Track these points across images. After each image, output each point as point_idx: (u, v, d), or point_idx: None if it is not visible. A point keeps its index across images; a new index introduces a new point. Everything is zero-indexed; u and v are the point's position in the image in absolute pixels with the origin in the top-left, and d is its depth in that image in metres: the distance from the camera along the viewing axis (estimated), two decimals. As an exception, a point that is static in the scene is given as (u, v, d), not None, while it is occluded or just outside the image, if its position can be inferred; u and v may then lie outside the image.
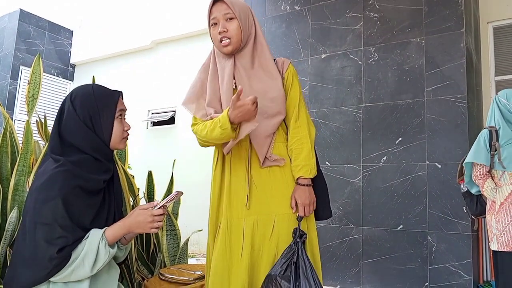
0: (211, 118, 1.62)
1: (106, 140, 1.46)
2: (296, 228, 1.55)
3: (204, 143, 1.67)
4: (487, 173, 2.63)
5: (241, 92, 1.45)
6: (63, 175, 1.33)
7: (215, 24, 1.68)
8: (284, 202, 1.62)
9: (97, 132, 1.44)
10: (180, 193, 1.51)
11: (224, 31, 1.64)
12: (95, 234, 1.35)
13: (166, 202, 1.46)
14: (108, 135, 1.46)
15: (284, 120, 1.69)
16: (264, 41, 1.72)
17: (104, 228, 1.39)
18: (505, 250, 2.48)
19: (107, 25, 8.37)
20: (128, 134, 1.55)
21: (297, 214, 1.59)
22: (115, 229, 1.39)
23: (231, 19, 1.64)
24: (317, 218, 1.71)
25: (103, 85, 1.54)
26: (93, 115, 1.43)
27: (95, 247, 1.32)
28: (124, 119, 1.55)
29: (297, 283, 1.45)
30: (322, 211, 1.69)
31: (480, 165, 2.64)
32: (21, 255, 1.31)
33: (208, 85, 1.72)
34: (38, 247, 1.27)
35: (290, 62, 1.75)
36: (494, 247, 2.56)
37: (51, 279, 1.31)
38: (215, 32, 1.67)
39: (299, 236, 1.52)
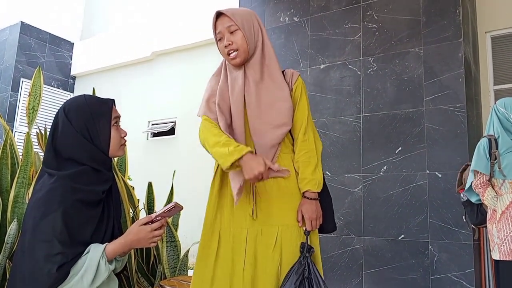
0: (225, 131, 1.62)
1: (104, 149, 1.46)
2: (303, 242, 1.54)
3: (202, 144, 1.66)
4: (487, 182, 2.63)
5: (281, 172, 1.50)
6: (62, 189, 1.33)
7: (221, 38, 1.70)
8: (289, 213, 1.61)
9: (95, 142, 1.44)
10: (179, 206, 1.49)
11: (230, 44, 1.65)
12: (95, 251, 1.35)
13: (164, 213, 1.45)
14: (107, 143, 1.46)
15: (290, 131, 1.70)
16: (271, 49, 1.73)
17: (105, 244, 1.38)
18: (507, 259, 2.46)
19: (107, 37, 8.43)
20: (125, 141, 1.55)
21: (304, 228, 1.59)
22: (116, 247, 1.39)
23: (235, 31, 1.66)
24: (321, 231, 1.70)
25: (96, 95, 1.55)
26: (90, 125, 1.43)
27: (95, 264, 1.32)
28: (119, 126, 1.55)
29: None
30: (326, 224, 1.68)
31: (480, 173, 2.64)
32: (20, 272, 1.30)
33: (217, 91, 1.72)
34: (37, 264, 1.27)
35: (299, 75, 1.75)
36: (495, 256, 2.54)
37: None
38: (222, 46, 1.69)
39: (307, 250, 1.51)
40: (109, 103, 1.51)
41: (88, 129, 1.43)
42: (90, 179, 1.41)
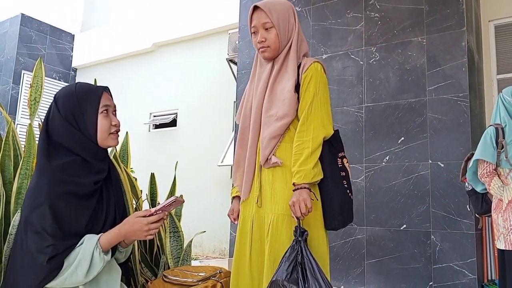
0: None
1: (93, 138, 1.44)
2: (296, 226, 1.51)
3: None
4: (494, 171, 2.60)
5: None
6: (49, 182, 1.32)
7: (255, 32, 1.73)
8: (282, 203, 1.62)
9: (82, 130, 1.42)
10: (180, 200, 1.49)
11: (263, 41, 1.69)
12: (89, 242, 1.34)
13: (164, 207, 1.45)
14: (94, 131, 1.43)
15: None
16: (295, 43, 1.72)
17: (100, 235, 1.38)
18: None
19: (108, 28, 8.40)
20: (118, 130, 1.51)
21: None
22: (111, 237, 1.39)
23: (270, 28, 1.68)
24: (326, 227, 1.69)
25: (90, 83, 1.53)
26: (76, 113, 1.42)
27: (89, 256, 1.31)
28: (114, 114, 1.52)
29: (307, 286, 1.39)
30: (329, 221, 1.65)
31: (487, 162, 2.61)
32: (17, 261, 1.32)
33: (247, 94, 1.82)
34: (30, 255, 1.28)
35: (316, 62, 1.69)
36: (501, 246, 2.52)
37: (47, 286, 1.31)
38: (255, 41, 1.73)
39: (300, 234, 1.47)
40: (99, 91, 1.48)
41: (74, 117, 1.41)
42: (80, 171, 1.40)
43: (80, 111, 1.42)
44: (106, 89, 1.52)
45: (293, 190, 1.58)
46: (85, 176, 1.40)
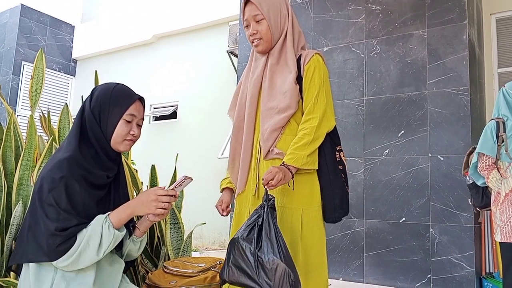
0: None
1: (107, 136, 1.47)
2: (266, 192, 1.53)
3: None
4: (493, 164, 2.61)
5: None
6: (69, 162, 1.36)
7: (247, 26, 1.73)
8: (282, 196, 1.62)
9: (101, 126, 1.47)
10: (189, 179, 1.50)
11: (254, 33, 1.69)
12: (98, 218, 1.37)
13: (174, 187, 1.46)
14: (111, 132, 1.47)
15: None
16: (291, 35, 1.72)
17: (108, 212, 1.40)
18: (508, 241, 2.49)
19: (108, 19, 8.36)
20: (134, 140, 1.54)
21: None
22: (119, 211, 1.40)
23: (260, 20, 1.68)
24: (325, 220, 1.70)
25: (126, 85, 1.56)
26: (102, 109, 1.47)
27: (99, 229, 1.34)
28: (138, 125, 1.54)
29: (260, 244, 1.43)
30: (329, 213, 1.66)
31: (486, 156, 2.62)
32: (29, 229, 1.34)
33: (242, 87, 1.81)
34: (42, 223, 1.30)
35: (317, 54, 1.70)
36: (498, 238, 2.56)
37: (63, 267, 1.32)
38: (248, 34, 1.73)
39: (267, 200, 1.50)
40: (132, 99, 1.51)
41: (99, 112, 1.47)
42: (93, 162, 1.44)
43: (107, 109, 1.47)
44: (141, 99, 1.55)
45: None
46: (97, 168, 1.44)
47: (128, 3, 8.27)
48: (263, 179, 1.50)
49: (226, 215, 1.76)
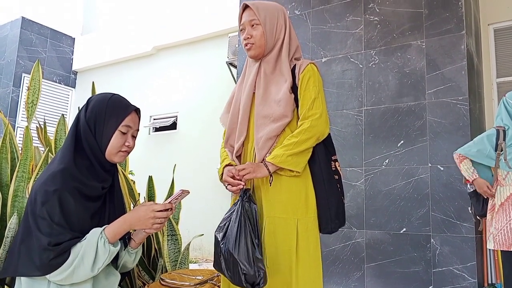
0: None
1: (102, 147, 1.45)
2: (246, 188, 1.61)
3: None
4: (466, 158, 2.78)
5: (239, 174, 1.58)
6: (63, 174, 1.34)
7: (243, 30, 1.74)
8: (276, 206, 1.60)
9: (96, 137, 1.45)
10: (186, 192, 1.49)
11: (248, 37, 1.70)
12: (93, 232, 1.35)
13: (171, 201, 1.45)
14: (106, 143, 1.45)
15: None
16: (287, 46, 1.72)
17: (104, 226, 1.38)
18: (501, 249, 2.50)
19: (108, 32, 8.42)
20: (128, 151, 1.52)
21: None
22: (115, 226, 1.38)
23: (256, 25, 1.69)
24: (321, 231, 1.67)
25: (122, 96, 1.55)
26: (98, 120, 1.45)
27: (94, 245, 1.31)
28: (133, 137, 1.53)
29: (226, 235, 1.53)
30: (325, 224, 1.63)
31: (463, 156, 2.78)
32: (21, 242, 1.33)
33: (235, 94, 1.80)
34: (35, 237, 1.28)
35: (311, 63, 1.71)
36: (490, 246, 2.58)
37: (57, 281, 1.30)
38: (242, 38, 1.74)
39: (242, 194, 1.57)
40: (128, 110, 1.50)
41: (95, 122, 1.45)
42: (87, 173, 1.42)
43: (102, 120, 1.45)
44: (137, 110, 1.54)
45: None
46: (91, 180, 1.42)
47: (128, 15, 8.33)
48: (235, 170, 1.58)
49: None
